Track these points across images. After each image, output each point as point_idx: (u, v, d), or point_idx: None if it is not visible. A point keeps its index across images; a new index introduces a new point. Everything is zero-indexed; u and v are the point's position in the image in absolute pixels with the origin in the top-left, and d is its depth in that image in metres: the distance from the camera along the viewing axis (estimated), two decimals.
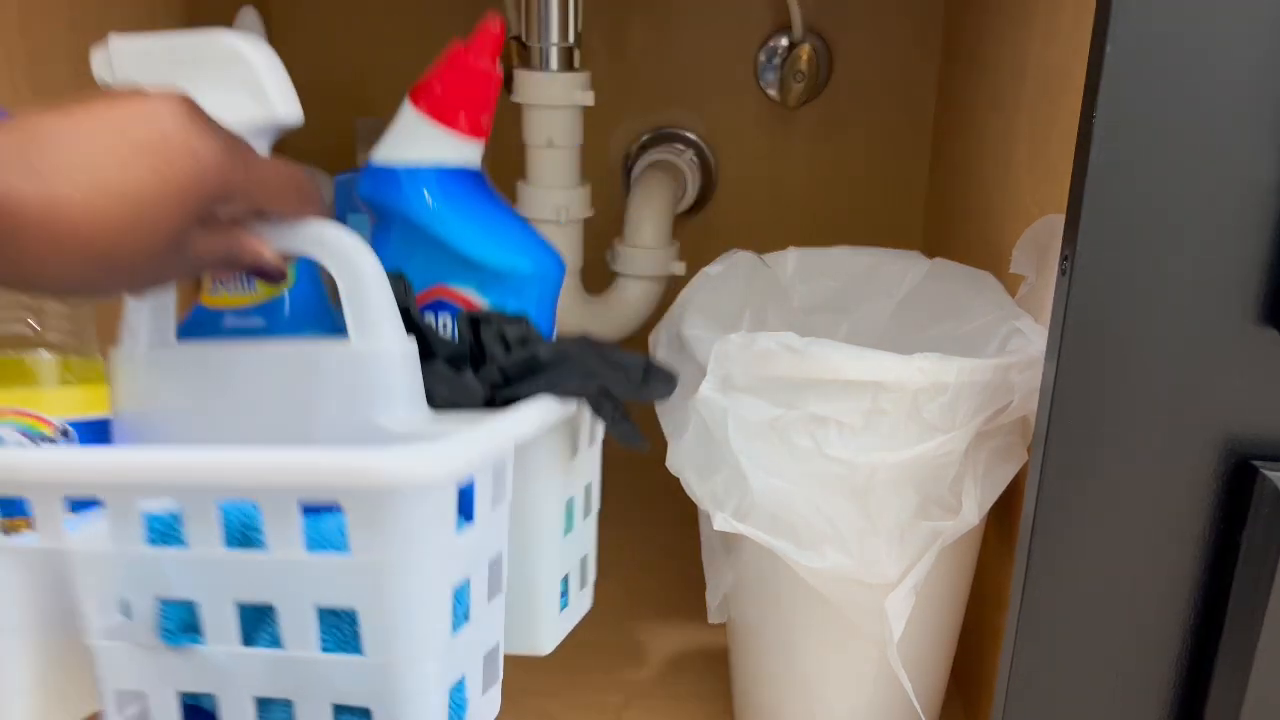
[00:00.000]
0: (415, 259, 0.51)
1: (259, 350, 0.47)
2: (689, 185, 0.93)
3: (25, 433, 0.46)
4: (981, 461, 0.53)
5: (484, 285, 0.52)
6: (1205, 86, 0.37)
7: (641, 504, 0.96)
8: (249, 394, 0.46)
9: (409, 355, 0.45)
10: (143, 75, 0.50)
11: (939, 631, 0.60)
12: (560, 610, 0.50)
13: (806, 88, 0.90)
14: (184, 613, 0.39)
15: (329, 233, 0.45)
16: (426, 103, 0.51)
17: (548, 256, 0.53)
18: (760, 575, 0.59)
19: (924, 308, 0.66)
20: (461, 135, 0.51)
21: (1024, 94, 0.64)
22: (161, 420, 0.48)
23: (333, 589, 0.37)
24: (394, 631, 0.37)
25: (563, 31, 0.76)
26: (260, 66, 0.49)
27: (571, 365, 0.46)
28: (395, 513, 0.35)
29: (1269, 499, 0.39)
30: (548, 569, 0.49)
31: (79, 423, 0.48)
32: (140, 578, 0.39)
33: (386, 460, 0.35)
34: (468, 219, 0.51)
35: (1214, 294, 0.39)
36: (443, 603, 0.38)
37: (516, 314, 0.49)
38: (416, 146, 0.51)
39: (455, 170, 0.51)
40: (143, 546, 0.38)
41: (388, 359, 0.44)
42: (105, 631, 0.40)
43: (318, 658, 0.38)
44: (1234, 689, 0.42)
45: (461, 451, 0.37)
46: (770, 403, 0.52)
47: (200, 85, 0.45)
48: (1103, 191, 0.38)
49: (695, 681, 0.72)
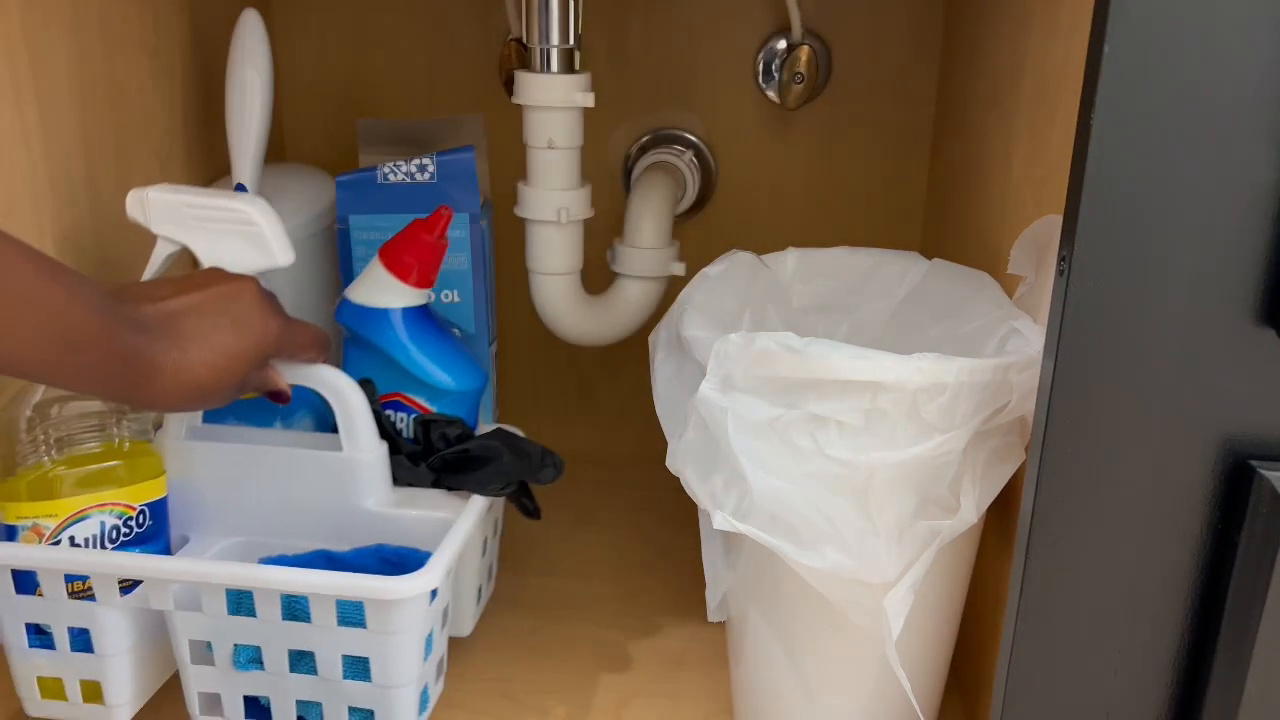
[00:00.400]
0: (380, 371, 0.71)
1: (277, 450, 0.66)
2: (689, 186, 0.93)
3: (119, 517, 0.62)
4: (980, 461, 0.53)
5: (429, 396, 0.72)
6: (1204, 86, 0.37)
7: (641, 504, 0.96)
8: (268, 481, 0.66)
9: (382, 458, 0.66)
10: (172, 226, 0.66)
11: (938, 630, 0.61)
12: (477, 603, 0.74)
13: (806, 89, 0.90)
14: (251, 651, 0.59)
15: (330, 376, 0.64)
16: (389, 261, 0.69)
17: (473, 376, 0.73)
18: (760, 575, 0.59)
19: (923, 308, 0.66)
20: (413, 287, 0.70)
21: (1022, 94, 0.64)
22: (198, 495, 0.66)
23: (354, 645, 0.58)
24: (392, 668, 0.58)
25: (563, 33, 0.76)
26: (266, 228, 0.65)
27: (492, 466, 0.67)
28: (397, 608, 0.57)
29: (1267, 499, 0.39)
30: (469, 591, 0.72)
31: (150, 504, 0.63)
32: (221, 630, 0.59)
33: (392, 583, 0.56)
34: (417, 349, 0.71)
35: (1212, 294, 0.39)
36: (420, 648, 0.59)
37: (453, 416, 0.71)
38: (381, 294, 0.70)
39: (408, 310, 0.70)
40: (223, 616, 0.58)
41: (368, 462, 0.65)
42: (194, 658, 0.60)
43: (341, 683, 0.59)
44: (1231, 688, 0.42)
45: (436, 572, 0.57)
46: (770, 402, 0.52)
47: (220, 238, 0.65)
48: (1101, 192, 0.38)
49: (695, 681, 0.72)
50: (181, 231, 0.66)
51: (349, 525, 0.65)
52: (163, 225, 0.66)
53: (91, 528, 0.61)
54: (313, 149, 0.99)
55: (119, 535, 0.61)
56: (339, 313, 0.71)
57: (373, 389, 0.69)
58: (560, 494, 0.98)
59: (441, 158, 0.78)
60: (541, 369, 1.04)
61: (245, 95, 0.75)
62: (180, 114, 0.83)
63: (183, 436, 0.66)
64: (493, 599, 0.82)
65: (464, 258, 0.79)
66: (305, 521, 0.66)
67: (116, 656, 0.60)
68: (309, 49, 0.97)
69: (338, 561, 0.65)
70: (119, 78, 0.75)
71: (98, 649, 0.60)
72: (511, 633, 0.78)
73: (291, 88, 0.97)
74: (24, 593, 0.59)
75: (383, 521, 0.65)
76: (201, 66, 0.86)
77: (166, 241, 0.66)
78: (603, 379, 1.04)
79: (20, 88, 0.65)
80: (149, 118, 0.79)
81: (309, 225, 0.84)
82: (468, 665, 0.74)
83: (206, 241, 0.65)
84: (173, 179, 0.82)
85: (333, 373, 0.64)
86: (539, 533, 0.91)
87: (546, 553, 0.88)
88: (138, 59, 0.78)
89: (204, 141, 0.86)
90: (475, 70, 0.95)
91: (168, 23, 0.81)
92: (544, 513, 0.94)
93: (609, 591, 0.83)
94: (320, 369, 0.63)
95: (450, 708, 0.69)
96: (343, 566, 0.64)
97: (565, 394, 1.05)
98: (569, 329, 0.85)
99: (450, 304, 0.80)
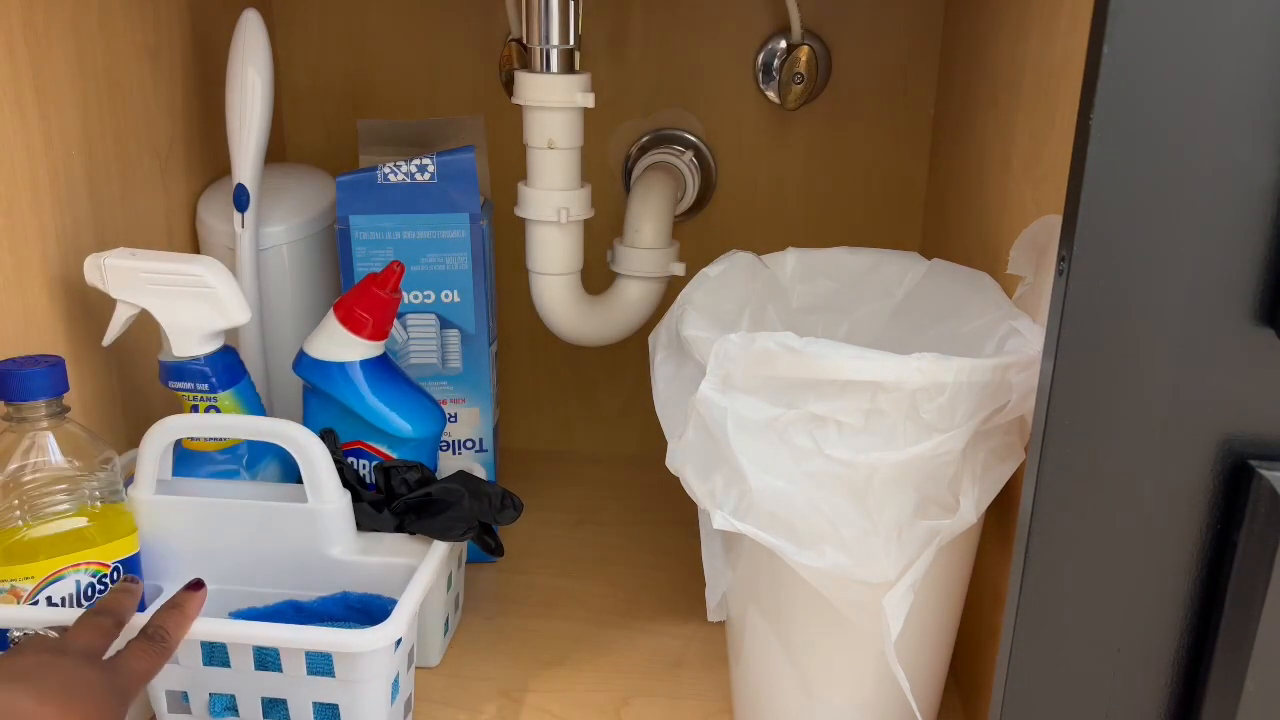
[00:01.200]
0: (340, 420, 0.73)
1: (245, 503, 0.67)
2: (689, 186, 0.93)
3: (94, 575, 0.63)
4: (979, 461, 0.53)
5: (390, 443, 0.74)
6: (1203, 86, 0.37)
7: (641, 504, 0.96)
8: (237, 533, 0.68)
9: (346, 508, 0.68)
10: (130, 290, 0.68)
11: (937, 630, 0.61)
12: (444, 635, 0.75)
13: (806, 89, 0.90)
14: (226, 700, 0.62)
15: (293, 432, 0.66)
16: (344, 317, 0.71)
17: (431, 421, 0.75)
18: (759, 574, 0.59)
19: (922, 308, 0.66)
20: (368, 340, 0.72)
21: (1022, 94, 0.64)
22: (170, 548, 0.68)
23: (324, 693, 0.61)
24: (359, 714, 0.61)
25: (563, 34, 0.76)
26: (221, 289, 0.68)
27: (453, 511, 0.69)
28: (363, 659, 0.59)
29: (1266, 499, 0.39)
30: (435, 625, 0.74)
31: (123, 560, 0.64)
32: (197, 680, 0.61)
33: (357, 636, 0.58)
34: (377, 399, 0.73)
35: (1212, 294, 0.39)
36: (387, 693, 0.62)
37: (414, 460, 0.73)
38: (338, 349, 0.72)
39: (364, 362, 0.72)
40: (199, 667, 0.61)
41: (332, 513, 0.67)
42: (172, 708, 0.63)
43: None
44: (1231, 687, 0.42)
45: (399, 623, 0.59)
46: (769, 402, 0.52)
47: (177, 300, 0.67)
48: (1100, 192, 0.38)
49: (695, 681, 0.72)
50: (139, 295, 0.68)
51: (316, 573, 0.67)
52: (121, 290, 0.67)
53: (68, 587, 0.62)
54: (313, 149, 0.99)
55: (94, 592, 0.63)
56: (297, 365, 0.73)
57: (334, 439, 0.72)
58: (560, 494, 0.98)
59: (441, 158, 0.78)
60: (541, 369, 1.04)
61: (245, 95, 0.76)
62: (180, 114, 0.83)
63: (153, 492, 0.67)
64: (492, 599, 0.82)
65: (464, 258, 0.79)
66: (273, 570, 0.68)
67: None
68: (309, 49, 0.97)
69: (306, 611, 0.67)
70: (119, 78, 0.75)
71: None
72: (511, 633, 0.78)
73: (291, 88, 0.97)
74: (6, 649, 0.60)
75: (348, 569, 0.67)
76: (201, 66, 0.86)
77: (126, 305, 0.68)
78: (603, 379, 1.04)
79: (20, 88, 0.65)
80: (149, 118, 0.79)
81: (309, 225, 0.84)
82: (468, 665, 0.74)
83: (164, 304, 0.68)
84: (173, 179, 0.82)
85: (296, 428, 0.66)
86: (539, 533, 0.91)
87: (546, 553, 0.89)
88: (138, 59, 0.78)
89: (204, 141, 0.86)
90: (475, 70, 0.95)
91: (168, 23, 0.81)
92: (544, 513, 0.94)
93: (609, 591, 0.83)
94: (283, 425, 0.66)
95: (450, 707, 0.70)
96: (310, 615, 0.67)
97: (565, 394, 1.05)
98: (569, 329, 0.85)
99: (450, 304, 0.80)
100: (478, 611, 0.80)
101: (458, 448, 0.84)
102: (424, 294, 0.80)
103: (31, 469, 0.60)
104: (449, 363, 0.82)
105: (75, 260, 0.70)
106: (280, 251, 0.82)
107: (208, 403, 0.70)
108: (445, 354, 0.82)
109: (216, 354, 0.70)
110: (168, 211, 0.82)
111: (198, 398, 0.70)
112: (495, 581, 0.84)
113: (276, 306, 0.83)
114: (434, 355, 0.82)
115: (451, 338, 0.82)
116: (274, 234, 0.81)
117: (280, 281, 0.83)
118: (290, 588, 0.68)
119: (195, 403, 0.70)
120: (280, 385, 0.82)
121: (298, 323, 0.83)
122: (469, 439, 0.84)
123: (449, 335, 0.81)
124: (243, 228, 0.78)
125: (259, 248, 0.80)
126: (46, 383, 0.59)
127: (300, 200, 0.84)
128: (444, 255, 0.79)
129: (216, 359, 0.70)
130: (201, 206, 0.84)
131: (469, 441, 0.84)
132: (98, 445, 0.63)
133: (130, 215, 0.77)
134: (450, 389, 0.82)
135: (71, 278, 0.70)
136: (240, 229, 0.78)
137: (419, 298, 0.80)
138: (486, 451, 0.85)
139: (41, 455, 0.60)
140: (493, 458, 0.86)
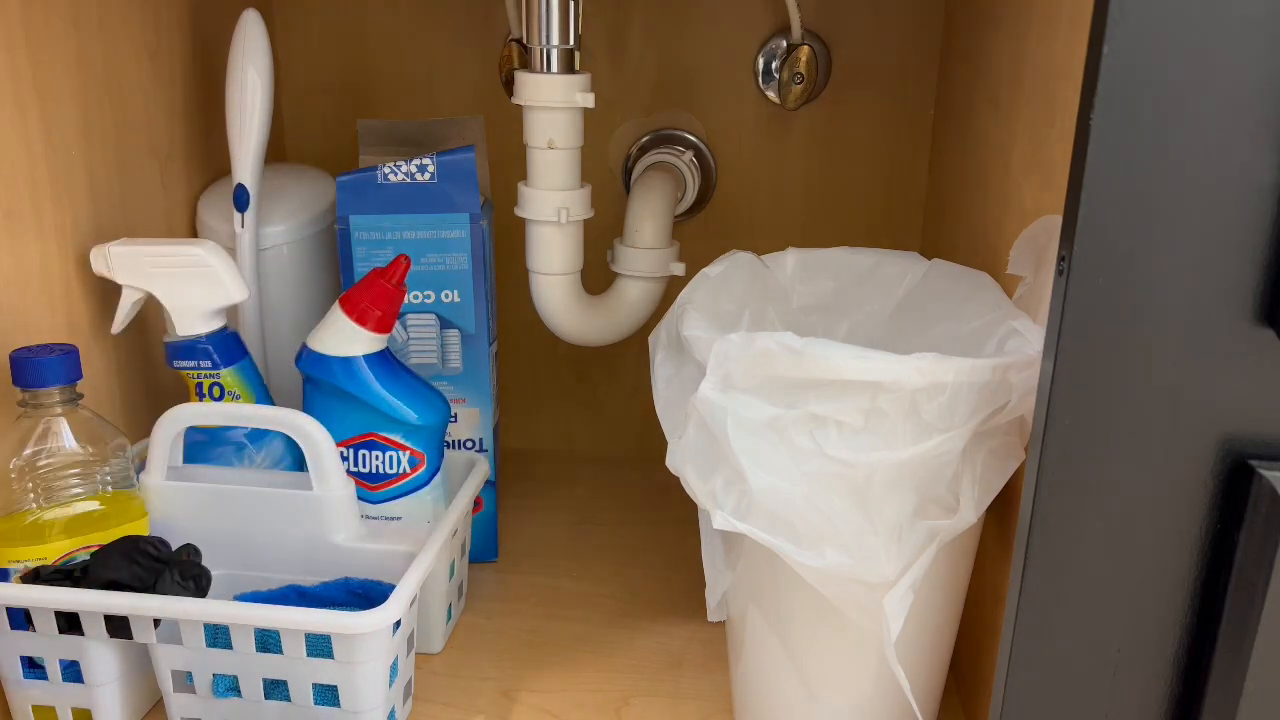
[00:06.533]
0: (341, 414, 0.73)
1: (252, 489, 0.69)
2: (689, 186, 0.93)
3: None
4: (979, 461, 0.53)
5: (403, 431, 0.73)
6: (1203, 86, 0.37)
7: (641, 504, 0.96)
8: (244, 518, 0.69)
9: (350, 496, 0.69)
10: (135, 275, 0.71)
11: (937, 630, 0.61)
12: (446, 622, 0.77)
13: (806, 89, 0.90)
14: (229, 680, 0.62)
15: (300, 421, 0.67)
16: (350, 309, 0.71)
17: (437, 408, 0.75)
18: (759, 574, 0.59)
19: (922, 308, 0.66)
20: (374, 333, 0.71)
21: (1022, 94, 0.64)
22: (179, 533, 0.68)
23: (323, 675, 0.61)
24: (358, 696, 0.61)
25: (563, 34, 0.76)
26: (219, 268, 0.71)
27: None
28: (361, 641, 0.60)
29: (1266, 499, 0.39)
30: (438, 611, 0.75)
31: None
32: (201, 661, 0.62)
33: (355, 619, 0.59)
34: (386, 391, 0.73)
35: (1212, 294, 0.39)
36: (385, 676, 0.62)
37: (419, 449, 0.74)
38: (345, 342, 0.71)
39: (370, 355, 0.72)
40: (202, 649, 0.61)
41: (337, 500, 0.68)
42: (176, 687, 0.64)
43: (313, 708, 0.62)
44: (1231, 688, 0.42)
45: (397, 606, 0.60)
46: (770, 402, 0.52)
47: (179, 281, 0.71)
48: (1100, 192, 0.38)
49: (695, 681, 0.72)
50: (144, 280, 0.71)
51: (319, 558, 0.69)
52: (126, 276, 0.71)
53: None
54: (313, 149, 0.99)
55: None
56: (300, 361, 0.73)
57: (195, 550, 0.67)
58: (560, 494, 0.99)
59: (441, 158, 0.78)
60: (541, 369, 1.04)
61: (245, 95, 0.76)
62: (180, 114, 0.83)
63: (164, 478, 0.69)
64: (492, 599, 0.82)
65: (464, 258, 0.79)
66: (279, 555, 0.69)
67: (105, 686, 0.64)
68: (309, 49, 0.97)
69: (308, 595, 0.68)
70: (119, 78, 0.75)
71: (87, 680, 0.63)
72: (511, 633, 0.78)
73: (291, 88, 0.97)
74: (18, 628, 0.62)
75: (351, 555, 0.69)
76: (201, 66, 0.86)
77: (132, 290, 0.71)
78: (603, 379, 1.04)
79: (20, 88, 0.65)
80: (149, 118, 0.79)
81: (309, 225, 0.84)
82: (468, 665, 0.74)
83: (167, 286, 0.71)
84: (173, 179, 0.82)
85: (302, 417, 0.67)
86: (539, 533, 0.91)
87: (546, 553, 0.89)
88: (138, 59, 0.78)
89: (204, 141, 0.86)
90: (475, 70, 0.95)
91: (168, 23, 0.81)
92: (544, 513, 0.94)
93: (609, 591, 0.83)
94: (288, 414, 0.67)
95: (450, 707, 0.70)
96: (313, 599, 0.68)
97: (565, 394, 1.05)
98: (569, 329, 0.85)
99: (450, 304, 0.80)
100: (478, 611, 0.80)
101: (458, 448, 0.84)
102: (424, 294, 0.80)
103: (46, 454, 0.62)
104: (449, 363, 0.82)
105: (74, 259, 0.70)
106: (280, 251, 0.82)
107: (211, 379, 0.73)
108: (445, 354, 0.82)
109: (218, 333, 0.73)
110: (168, 211, 0.82)
111: (201, 375, 0.72)
112: (495, 581, 0.84)
113: (276, 306, 0.83)
114: (434, 355, 0.82)
115: (451, 338, 0.82)
116: (274, 234, 0.81)
117: (280, 281, 0.83)
118: (294, 573, 0.69)
119: (199, 379, 0.73)
120: (281, 383, 0.82)
121: (298, 322, 0.83)
122: (469, 439, 0.84)
123: (449, 335, 0.81)
124: (243, 228, 0.78)
125: (259, 248, 0.80)
126: (60, 370, 0.62)
127: (300, 200, 0.84)
128: (444, 255, 0.79)
129: (218, 338, 0.73)
130: (201, 206, 0.84)
131: (469, 441, 0.84)
132: (110, 432, 0.65)
133: (130, 215, 0.77)
134: (450, 389, 0.82)
135: (72, 278, 0.70)
136: (240, 229, 0.78)
137: (419, 298, 0.80)
138: (486, 451, 0.85)
139: (56, 440, 0.62)
140: (493, 458, 0.86)
